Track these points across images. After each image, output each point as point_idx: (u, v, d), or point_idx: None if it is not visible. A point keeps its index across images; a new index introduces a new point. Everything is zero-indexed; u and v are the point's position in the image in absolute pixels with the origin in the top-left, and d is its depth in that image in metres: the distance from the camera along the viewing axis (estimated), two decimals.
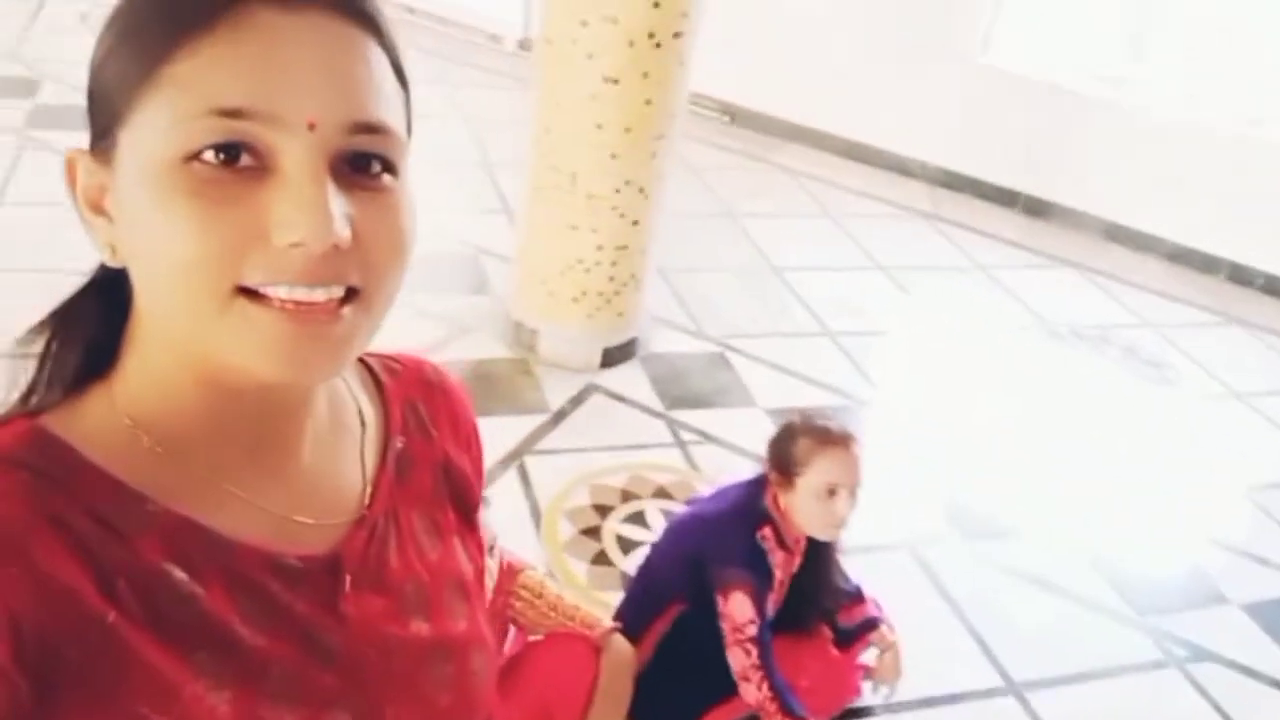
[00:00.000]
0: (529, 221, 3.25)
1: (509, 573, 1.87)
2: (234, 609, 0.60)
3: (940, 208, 5.21)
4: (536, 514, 2.75)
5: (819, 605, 2.21)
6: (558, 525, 2.73)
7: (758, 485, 2.06)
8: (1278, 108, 4.81)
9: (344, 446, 0.72)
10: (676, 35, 2.84)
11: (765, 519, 2.01)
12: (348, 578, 0.67)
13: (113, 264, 0.60)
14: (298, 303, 0.55)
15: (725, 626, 1.99)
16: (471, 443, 0.84)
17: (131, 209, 0.56)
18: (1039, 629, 2.73)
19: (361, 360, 0.79)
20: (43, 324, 0.66)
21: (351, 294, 0.58)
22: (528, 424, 3.09)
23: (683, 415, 3.27)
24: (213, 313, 0.55)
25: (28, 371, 0.65)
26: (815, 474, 1.92)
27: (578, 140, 2.98)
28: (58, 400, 0.63)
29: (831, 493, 1.92)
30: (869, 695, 2.31)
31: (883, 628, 2.26)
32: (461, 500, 0.80)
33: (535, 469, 2.91)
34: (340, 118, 0.56)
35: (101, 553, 0.56)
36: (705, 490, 2.66)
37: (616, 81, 2.86)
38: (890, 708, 2.36)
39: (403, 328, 3.22)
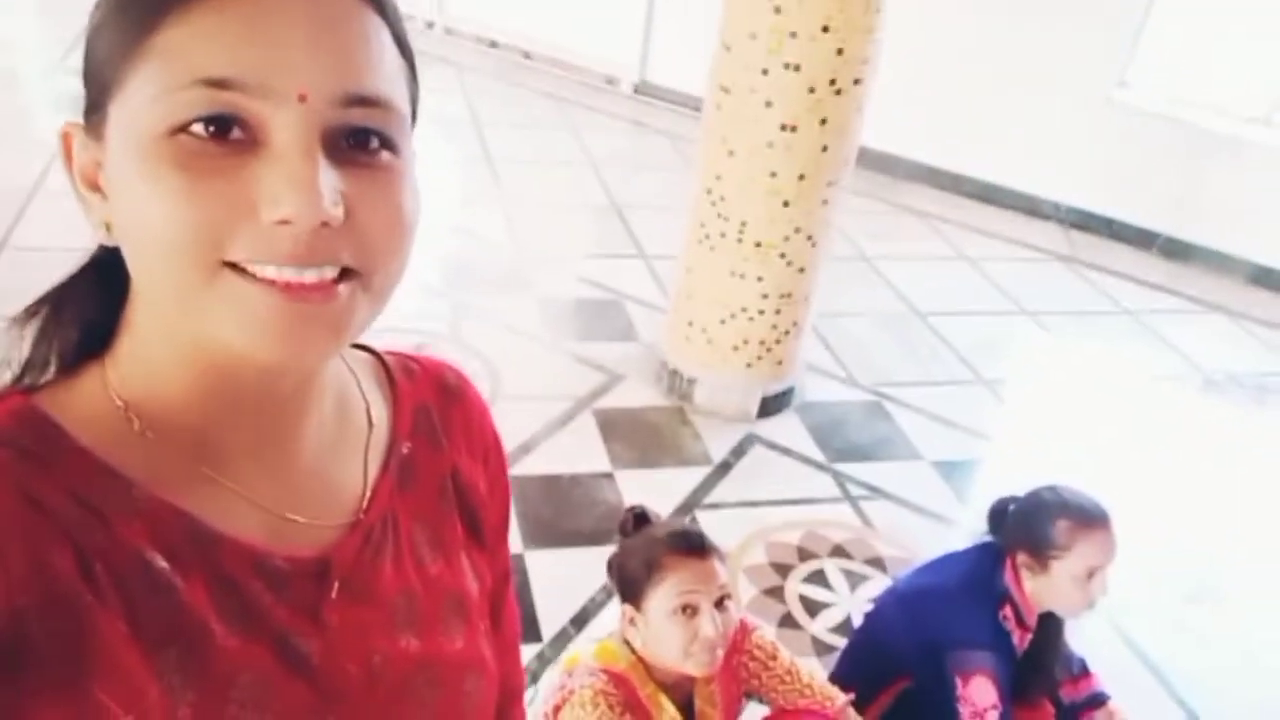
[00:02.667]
0: (690, 269, 3.20)
1: (743, 630, 1.81)
2: (212, 605, 0.57)
3: (1077, 250, 5.06)
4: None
5: (1047, 678, 2.09)
6: (738, 585, 2.64)
7: (991, 559, 1.95)
8: None
9: (348, 446, 0.68)
10: (857, 82, 2.79)
11: (1005, 598, 1.91)
12: (335, 584, 0.63)
13: (108, 242, 0.58)
14: (288, 282, 0.53)
15: (964, 710, 1.88)
16: (490, 457, 0.78)
17: (120, 182, 0.54)
18: (1258, 709, 2.56)
19: (379, 358, 0.74)
20: (40, 302, 0.64)
21: (346, 274, 0.55)
22: (693, 476, 3.02)
23: (847, 468, 3.17)
24: (200, 287, 0.53)
25: (23, 349, 0.63)
26: (1077, 559, 1.81)
27: (750, 188, 2.93)
28: (53, 380, 0.62)
29: (1090, 575, 1.82)
30: None
31: (1111, 704, 2.13)
32: (471, 515, 0.74)
33: (708, 523, 2.83)
34: (333, 89, 0.53)
35: (81, 535, 0.53)
36: (915, 561, 2.56)
37: (794, 129, 2.81)
38: None
39: (555, 374, 3.20)
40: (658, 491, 2.92)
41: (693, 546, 1.59)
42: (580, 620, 2.45)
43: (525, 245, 4.28)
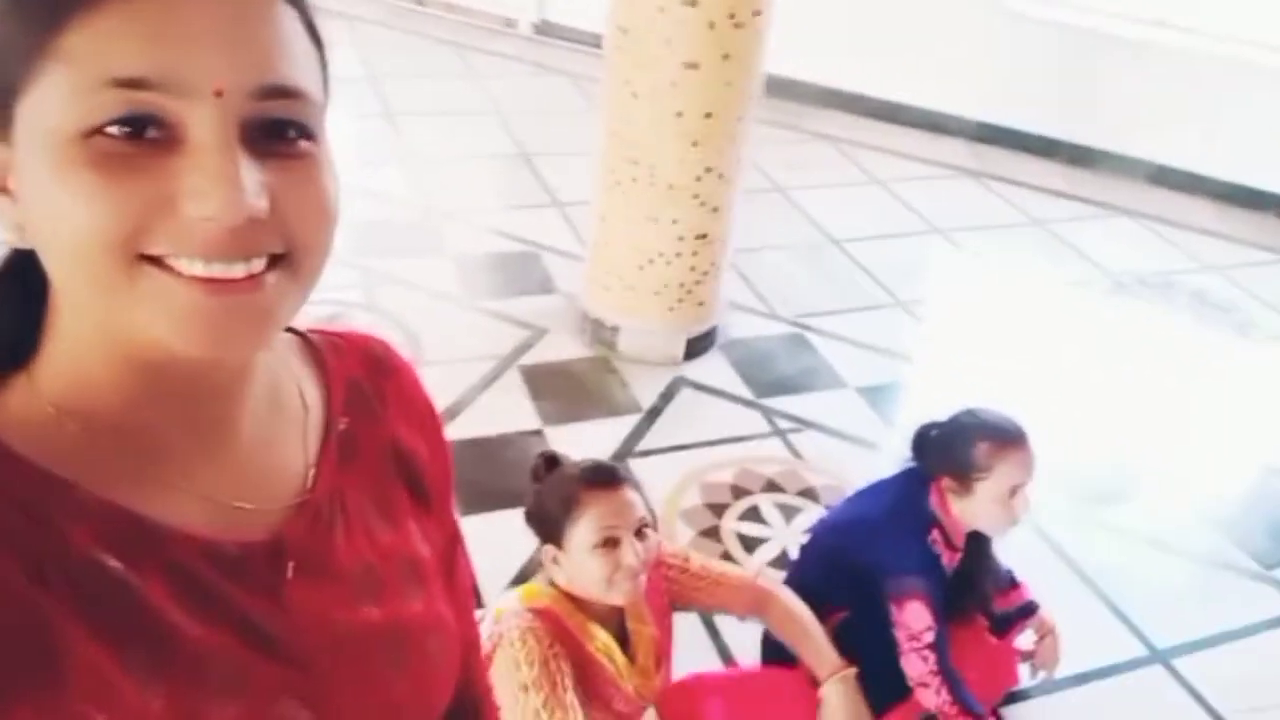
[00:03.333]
0: (604, 216, 3.16)
1: (657, 550, 1.83)
2: (171, 599, 0.57)
3: (984, 163, 5.13)
4: (652, 518, 2.68)
5: (979, 595, 2.16)
6: (675, 528, 2.67)
7: (917, 485, 1.99)
8: None
9: (284, 429, 0.69)
10: (756, 13, 2.75)
11: (933, 522, 1.95)
12: (290, 564, 0.64)
13: (21, 245, 0.56)
14: (213, 278, 0.52)
15: (900, 635, 1.93)
16: (426, 422, 0.79)
17: (33, 184, 0.53)
18: (1171, 593, 2.69)
19: (305, 337, 0.74)
20: None
21: (274, 261, 0.55)
22: (623, 425, 3.02)
23: (775, 402, 3.20)
24: (122, 284, 0.52)
25: None
26: (999, 478, 1.86)
27: (657, 130, 2.89)
28: None
29: (1013, 493, 1.87)
30: (1026, 679, 2.27)
31: (1041, 612, 2.21)
32: (415, 481, 0.76)
33: (640, 471, 2.83)
34: (248, 82, 0.52)
35: (31, 543, 0.53)
36: (846, 489, 2.60)
37: (697, 67, 2.76)
38: (1046, 689, 2.32)
39: (476, 334, 3.14)
40: (588, 443, 2.91)
41: (606, 479, 1.60)
42: (521, 580, 2.43)
43: (433, 202, 4.17)
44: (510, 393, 3.09)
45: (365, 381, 0.75)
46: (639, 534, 1.58)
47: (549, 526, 1.62)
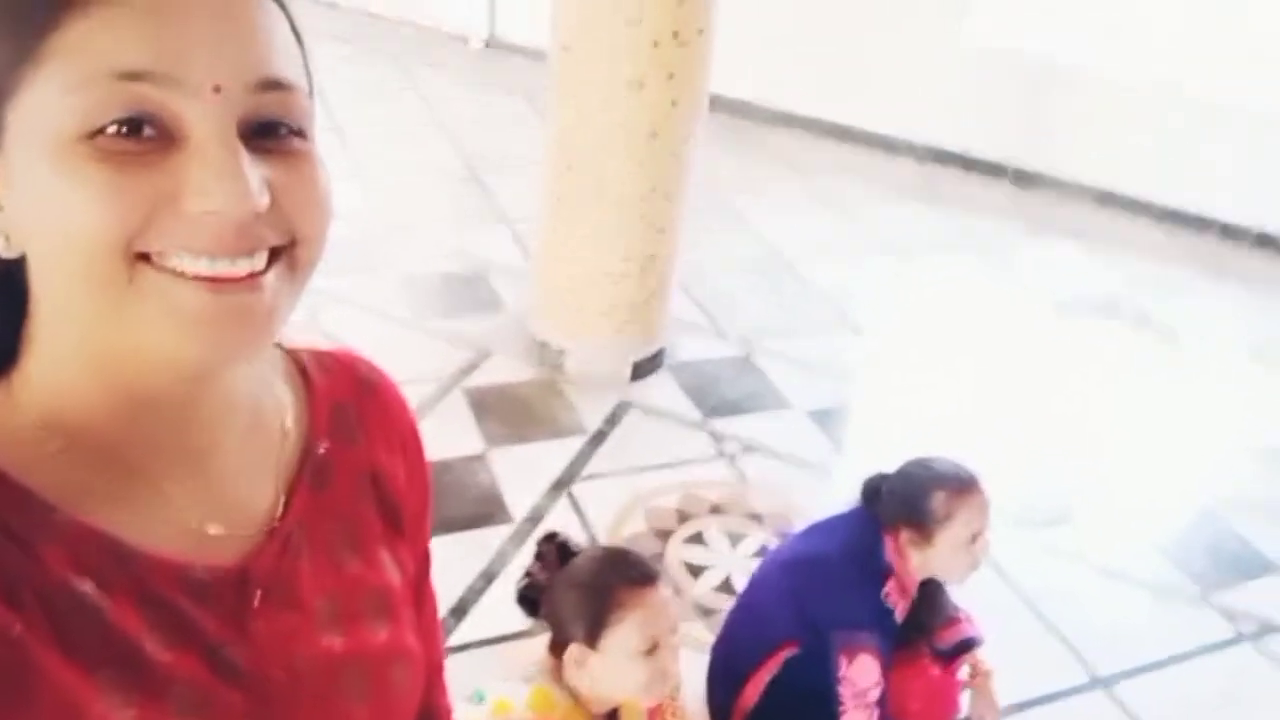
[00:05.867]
0: (548, 235, 3.12)
1: None
2: (141, 623, 0.58)
3: (934, 185, 5.17)
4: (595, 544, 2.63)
5: (926, 634, 2.14)
6: None
7: (872, 530, 1.96)
8: (1258, 74, 4.82)
9: (262, 450, 0.68)
10: (700, 31, 2.73)
11: (887, 573, 1.93)
12: (257, 593, 0.64)
13: (6, 254, 0.55)
14: (216, 276, 0.53)
15: (844, 691, 1.90)
16: (407, 446, 0.78)
17: (28, 186, 0.52)
18: (1112, 618, 2.70)
19: (292, 355, 0.74)
20: None
21: (274, 255, 0.55)
22: (568, 448, 2.97)
23: (721, 425, 3.18)
24: (120, 284, 0.52)
25: None
26: (958, 527, 1.85)
27: (602, 149, 2.85)
28: None
29: (973, 539, 1.86)
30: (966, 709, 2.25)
31: (978, 652, 2.19)
32: (390, 508, 0.75)
33: (584, 496, 2.80)
34: (245, 77, 0.53)
35: (7, 563, 0.54)
36: (792, 514, 2.58)
37: (641, 85, 2.74)
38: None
39: (421, 355, 3.07)
40: (533, 468, 2.87)
41: (647, 578, 1.50)
42: (460, 610, 2.39)
43: (380, 219, 4.10)
44: (453, 416, 3.03)
45: (350, 404, 0.74)
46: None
47: (577, 627, 1.49)
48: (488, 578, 2.48)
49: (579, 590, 1.50)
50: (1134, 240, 4.87)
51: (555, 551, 1.56)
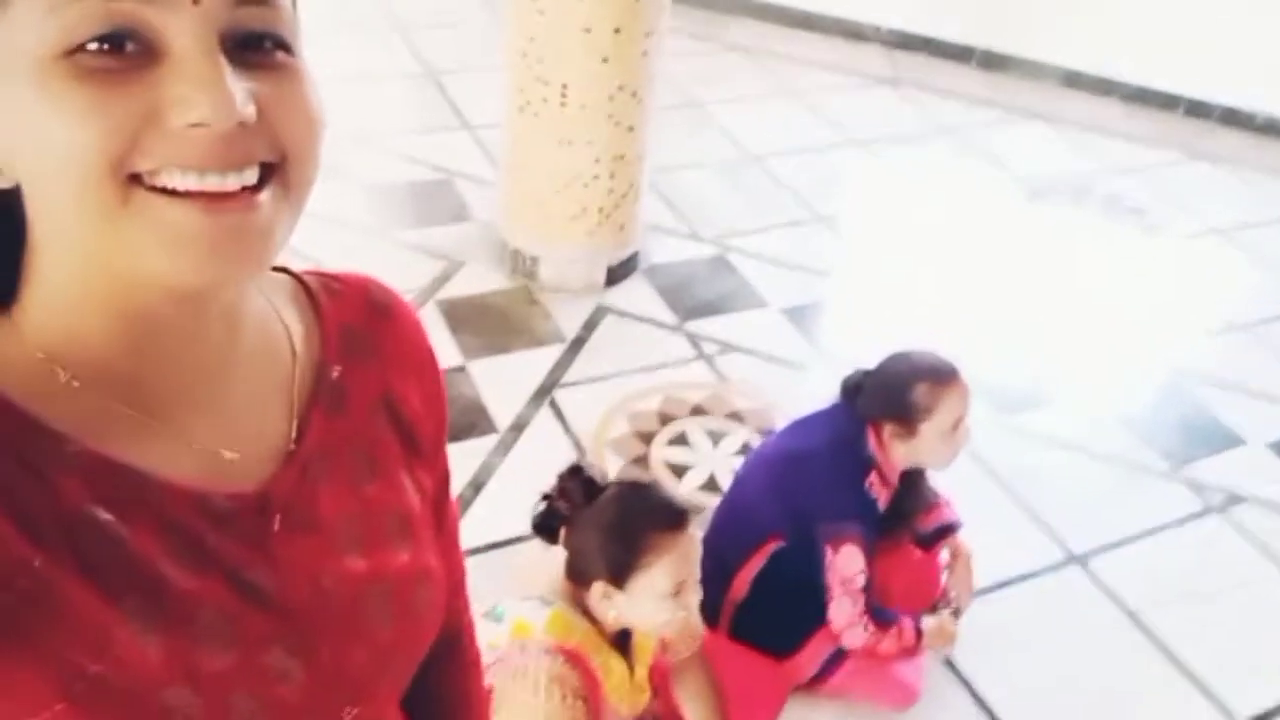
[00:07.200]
0: (515, 140, 3.05)
1: None
2: (162, 550, 0.58)
3: (900, 71, 5.09)
4: (580, 450, 2.66)
5: (908, 521, 2.20)
6: (604, 460, 2.65)
7: (854, 424, 1.99)
8: None
9: (275, 375, 0.68)
10: None
11: (870, 465, 1.96)
12: (277, 517, 0.65)
13: (1, 185, 0.55)
14: (209, 193, 0.52)
15: (831, 579, 1.95)
16: (425, 370, 0.78)
17: (14, 113, 0.52)
18: (1085, 495, 2.77)
19: (299, 279, 0.74)
20: None
21: (267, 174, 0.54)
22: (547, 356, 2.96)
23: (699, 326, 3.18)
24: (114, 208, 0.51)
25: None
26: (942, 416, 1.88)
27: (566, 48, 2.77)
28: None
29: (955, 426, 1.89)
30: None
31: (958, 535, 2.25)
32: (407, 431, 0.75)
33: (567, 403, 2.81)
34: None
35: (24, 496, 0.54)
36: (772, 411, 2.60)
37: None
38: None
39: (390, 267, 3.03)
40: (513, 378, 2.87)
41: (678, 522, 1.50)
42: None
43: (338, 126, 3.90)
44: (430, 328, 2.98)
45: (361, 327, 0.74)
46: None
47: (603, 568, 1.48)
48: (475, 487, 2.50)
49: (608, 533, 1.49)
50: (1102, 121, 4.84)
51: (580, 486, 1.54)
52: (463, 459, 2.57)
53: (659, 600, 1.48)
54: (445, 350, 2.92)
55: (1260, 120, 4.88)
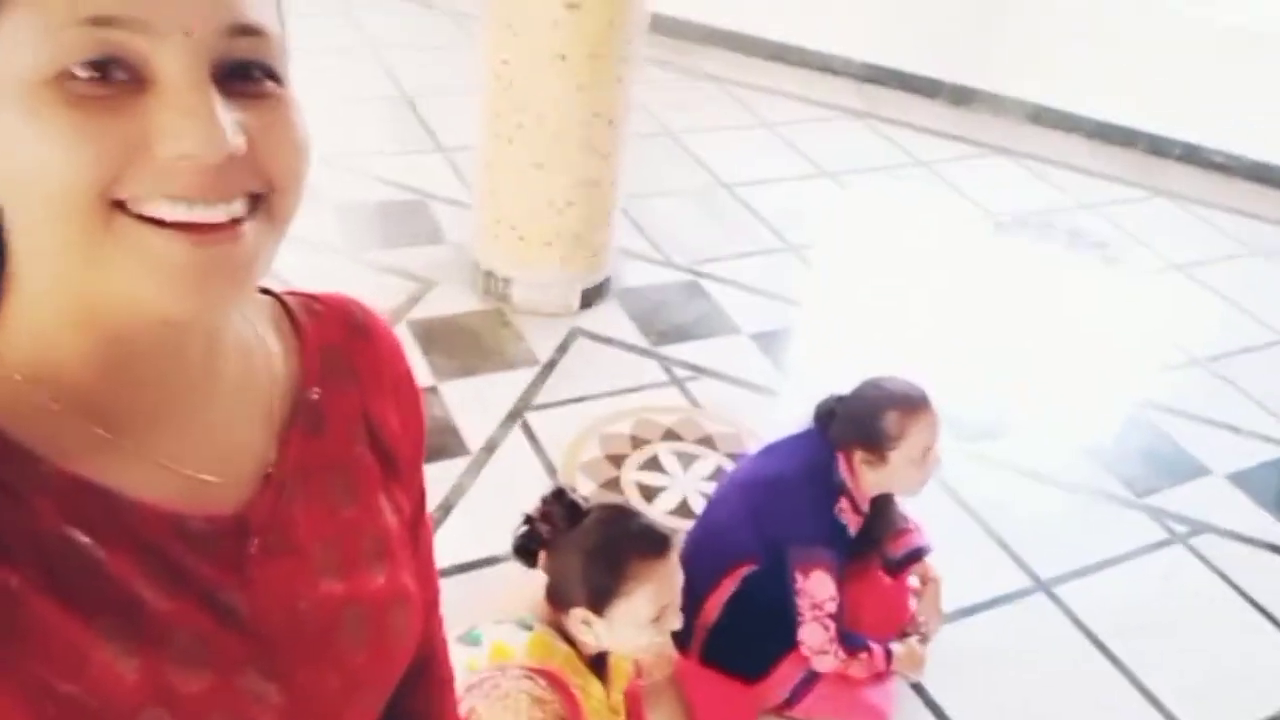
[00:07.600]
0: (489, 164, 3.06)
1: None
2: (138, 572, 0.58)
3: (870, 104, 5.17)
4: (553, 472, 2.65)
5: (877, 546, 2.21)
6: (576, 482, 2.64)
7: (826, 451, 2.00)
8: None
9: (253, 397, 0.68)
10: None
11: (840, 491, 1.97)
12: (255, 540, 0.64)
13: None
14: (196, 224, 0.52)
15: (802, 603, 1.96)
16: (400, 389, 0.77)
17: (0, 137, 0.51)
18: (1051, 523, 2.80)
19: (280, 299, 0.73)
20: None
21: (253, 204, 0.54)
22: (520, 379, 2.96)
23: (671, 350, 3.19)
24: (97, 235, 0.51)
25: None
26: (912, 443, 1.90)
27: (540, 74, 2.79)
28: None
29: (925, 454, 1.90)
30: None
31: (927, 561, 2.27)
32: (385, 452, 0.75)
33: (539, 425, 2.80)
34: (218, 21, 0.52)
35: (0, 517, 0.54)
36: (743, 435, 2.61)
37: (578, 6, 2.67)
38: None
39: (362, 288, 3.02)
40: (485, 399, 2.86)
41: (662, 549, 1.49)
42: None
43: (313, 147, 3.97)
44: None
45: (342, 348, 0.73)
46: None
47: (585, 594, 1.47)
48: (445, 509, 2.48)
49: (590, 558, 1.48)
50: (1066, 155, 4.94)
51: (563, 510, 1.53)
52: (434, 480, 2.51)
53: (640, 626, 1.48)
54: (417, 371, 2.89)
55: (1219, 158, 5.00)
